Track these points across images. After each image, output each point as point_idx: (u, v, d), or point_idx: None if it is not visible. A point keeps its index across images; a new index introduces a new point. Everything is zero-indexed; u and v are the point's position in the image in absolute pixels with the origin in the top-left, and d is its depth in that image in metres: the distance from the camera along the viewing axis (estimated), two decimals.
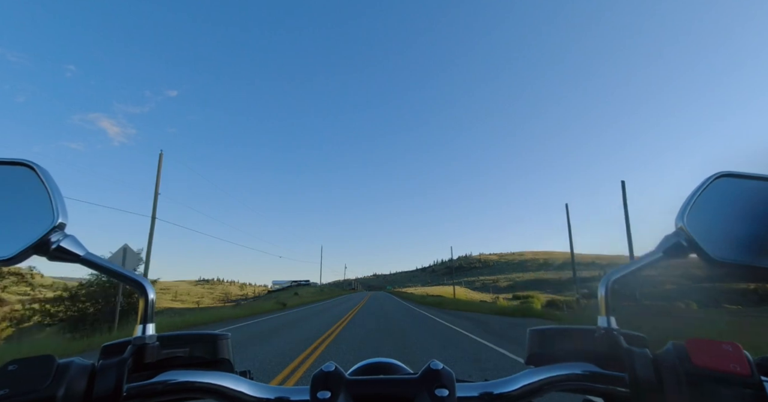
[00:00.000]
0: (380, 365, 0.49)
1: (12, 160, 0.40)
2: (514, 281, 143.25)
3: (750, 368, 0.32)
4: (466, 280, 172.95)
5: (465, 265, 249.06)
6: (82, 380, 0.34)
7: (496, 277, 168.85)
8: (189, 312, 19.99)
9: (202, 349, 0.43)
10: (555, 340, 0.43)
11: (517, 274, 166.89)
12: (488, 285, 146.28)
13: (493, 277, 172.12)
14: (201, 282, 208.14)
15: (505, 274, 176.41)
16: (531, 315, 14.47)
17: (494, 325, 11.57)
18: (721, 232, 0.38)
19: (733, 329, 7.47)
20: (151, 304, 0.40)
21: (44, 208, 0.38)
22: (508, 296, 73.99)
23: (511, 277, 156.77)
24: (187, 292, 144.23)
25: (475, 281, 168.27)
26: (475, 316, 15.64)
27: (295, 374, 5.00)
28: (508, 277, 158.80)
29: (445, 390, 0.35)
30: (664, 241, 0.40)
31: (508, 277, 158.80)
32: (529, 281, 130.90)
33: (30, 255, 0.36)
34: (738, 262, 0.36)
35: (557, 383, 0.39)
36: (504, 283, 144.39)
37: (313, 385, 0.36)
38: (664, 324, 8.39)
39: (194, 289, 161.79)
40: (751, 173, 0.40)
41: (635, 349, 0.37)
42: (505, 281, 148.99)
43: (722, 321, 8.99)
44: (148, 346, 0.39)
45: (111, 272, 0.39)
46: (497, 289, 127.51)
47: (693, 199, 0.40)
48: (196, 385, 0.38)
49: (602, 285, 0.41)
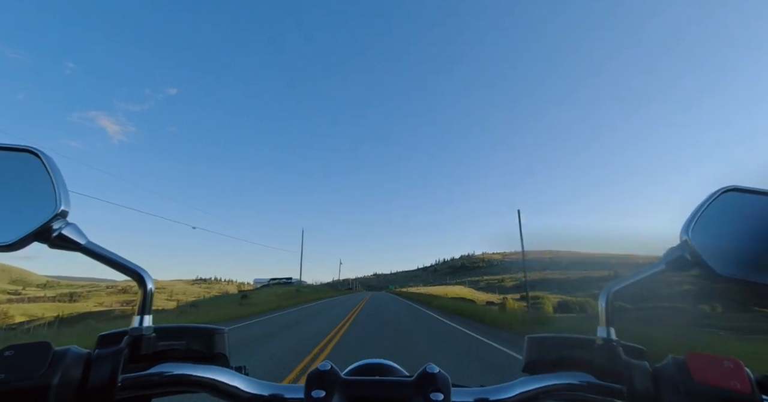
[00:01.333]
0: (377, 366, 0.49)
1: (17, 146, 0.40)
2: (520, 281, 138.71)
3: (750, 386, 0.32)
4: (469, 280, 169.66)
5: (468, 265, 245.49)
6: (78, 369, 0.34)
7: (501, 276, 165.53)
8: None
9: (199, 342, 0.43)
10: (553, 349, 0.43)
11: (522, 273, 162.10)
12: (493, 285, 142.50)
13: (497, 276, 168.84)
14: (198, 281, 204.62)
15: (510, 273, 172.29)
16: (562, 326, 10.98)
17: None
18: (726, 246, 0.37)
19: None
20: (149, 294, 0.40)
21: (47, 196, 0.37)
22: (515, 296, 69.64)
23: (517, 277, 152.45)
24: (183, 292, 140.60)
25: (479, 281, 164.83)
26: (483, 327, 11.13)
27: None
28: (513, 277, 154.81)
29: (440, 394, 0.34)
30: (668, 254, 0.39)
31: (513, 277, 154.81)
32: (536, 281, 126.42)
33: (31, 242, 0.36)
34: (742, 277, 0.35)
35: (554, 392, 0.38)
36: (509, 282, 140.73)
37: (308, 383, 0.35)
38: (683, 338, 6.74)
39: (190, 289, 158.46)
40: (759, 189, 0.39)
41: (634, 361, 0.37)
42: (510, 281, 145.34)
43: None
44: (145, 338, 0.39)
45: (111, 262, 0.39)
46: (503, 289, 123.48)
47: (699, 212, 0.39)
48: (191, 379, 0.37)
49: (602, 296, 0.41)
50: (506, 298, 63.65)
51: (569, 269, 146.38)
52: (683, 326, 11.52)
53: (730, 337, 7.33)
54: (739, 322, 11.39)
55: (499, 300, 60.58)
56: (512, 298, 67.06)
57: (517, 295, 72.81)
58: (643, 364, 0.36)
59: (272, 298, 35.56)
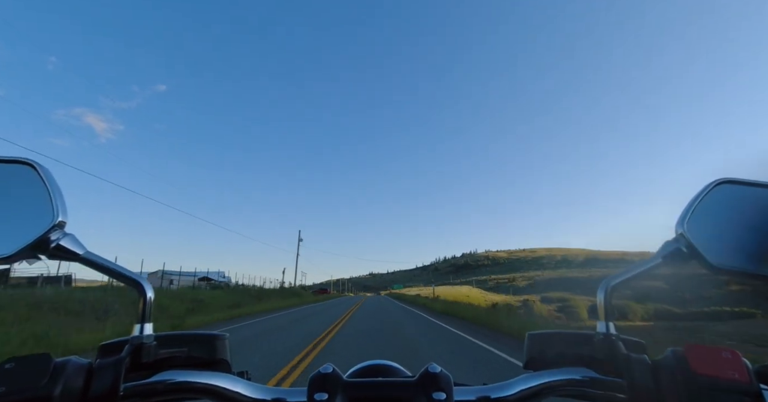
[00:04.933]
0: (379, 367, 0.50)
1: (12, 158, 0.40)
2: (534, 280, 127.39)
3: (749, 376, 0.32)
4: (476, 279, 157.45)
5: (471, 263, 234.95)
6: (79, 379, 0.34)
7: (511, 275, 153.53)
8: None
9: (200, 349, 0.43)
10: (553, 345, 0.43)
11: (534, 272, 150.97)
12: (503, 284, 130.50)
13: (507, 275, 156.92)
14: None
15: (520, 272, 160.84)
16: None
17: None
18: (721, 238, 0.38)
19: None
20: (149, 303, 0.40)
21: (44, 207, 0.37)
22: (535, 298, 57.60)
23: (529, 276, 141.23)
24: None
25: (487, 280, 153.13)
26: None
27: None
28: (525, 276, 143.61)
29: (442, 393, 0.34)
30: (664, 247, 0.40)
31: (525, 276, 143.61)
32: (552, 280, 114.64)
33: (29, 253, 0.36)
34: (738, 269, 0.36)
35: (555, 388, 0.39)
36: (522, 282, 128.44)
37: (311, 386, 0.35)
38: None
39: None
40: (752, 180, 0.40)
41: (634, 355, 0.37)
42: (522, 280, 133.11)
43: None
44: (146, 346, 0.39)
45: (110, 271, 0.39)
46: (516, 290, 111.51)
47: (693, 205, 0.40)
48: (193, 386, 0.37)
49: (601, 290, 0.41)
50: (532, 300, 52.14)
51: (586, 267, 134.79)
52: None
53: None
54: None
55: (518, 302, 49.55)
56: (530, 299, 56.30)
57: (535, 297, 62.07)
58: (642, 358, 0.37)
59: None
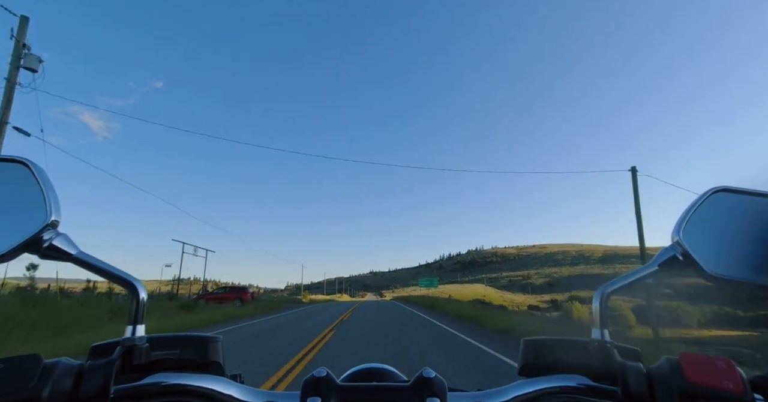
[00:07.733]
0: (373, 371, 0.48)
1: (6, 157, 0.40)
2: (551, 277, 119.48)
3: (743, 386, 0.32)
4: (486, 277, 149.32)
5: (479, 260, 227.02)
6: (69, 380, 0.34)
7: (525, 272, 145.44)
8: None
9: (193, 351, 0.42)
10: (548, 352, 0.43)
11: (549, 268, 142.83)
12: (517, 282, 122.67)
13: (520, 272, 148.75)
14: (175, 281, 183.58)
15: (533, 269, 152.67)
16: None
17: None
18: (717, 247, 0.38)
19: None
20: (141, 304, 0.40)
21: (38, 206, 0.37)
22: (560, 298, 49.48)
23: (545, 273, 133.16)
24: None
25: (498, 278, 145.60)
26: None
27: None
28: (541, 273, 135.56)
29: (436, 399, 0.35)
30: (661, 254, 0.40)
31: (541, 273, 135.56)
32: (572, 277, 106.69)
33: (21, 253, 0.36)
34: (734, 278, 0.36)
35: (550, 395, 0.39)
36: (539, 280, 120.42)
37: (304, 390, 0.35)
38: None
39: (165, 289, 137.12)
40: (749, 189, 0.40)
41: (629, 362, 0.37)
42: (538, 278, 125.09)
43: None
44: (137, 348, 0.38)
45: (103, 272, 0.39)
46: (534, 288, 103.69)
47: (690, 213, 0.40)
48: (185, 388, 0.37)
49: (596, 297, 0.42)
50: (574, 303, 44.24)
51: (606, 263, 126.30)
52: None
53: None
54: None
55: (543, 304, 41.68)
56: (553, 299, 48.39)
57: (561, 296, 54.59)
58: (637, 365, 0.37)
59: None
